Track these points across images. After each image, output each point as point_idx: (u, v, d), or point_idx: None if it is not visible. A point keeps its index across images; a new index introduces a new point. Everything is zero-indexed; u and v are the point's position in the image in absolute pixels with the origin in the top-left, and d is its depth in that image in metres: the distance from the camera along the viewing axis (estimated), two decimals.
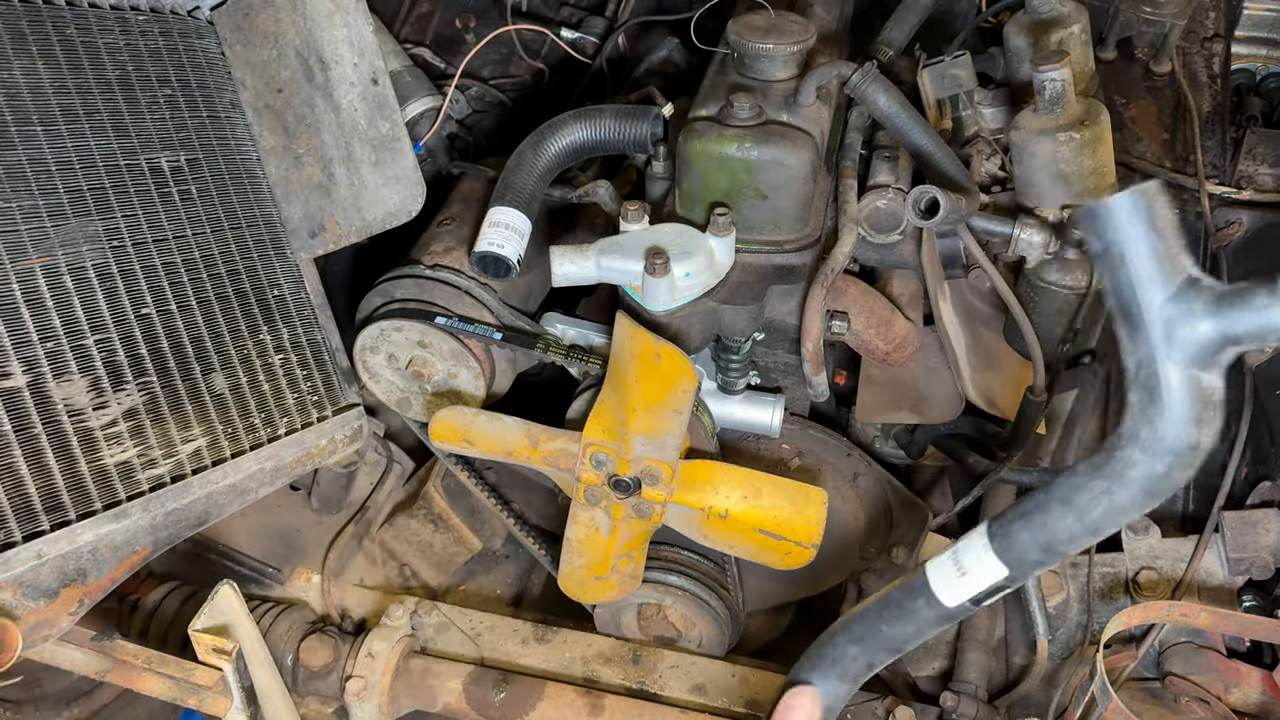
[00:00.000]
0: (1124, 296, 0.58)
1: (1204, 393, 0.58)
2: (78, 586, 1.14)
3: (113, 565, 1.17)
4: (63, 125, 1.23)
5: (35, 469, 1.10)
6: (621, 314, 1.24)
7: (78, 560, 1.13)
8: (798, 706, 0.74)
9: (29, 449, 1.10)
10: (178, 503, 1.23)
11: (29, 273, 1.15)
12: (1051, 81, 1.30)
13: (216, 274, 1.37)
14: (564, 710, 1.44)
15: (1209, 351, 0.57)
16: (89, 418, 1.17)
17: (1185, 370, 0.57)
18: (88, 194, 1.24)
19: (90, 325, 1.20)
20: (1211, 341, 0.56)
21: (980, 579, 0.68)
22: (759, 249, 1.31)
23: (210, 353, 1.32)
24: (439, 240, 1.50)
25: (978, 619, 1.52)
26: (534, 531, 1.61)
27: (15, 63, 1.20)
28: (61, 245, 1.19)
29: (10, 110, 1.18)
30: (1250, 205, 1.74)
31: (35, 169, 1.19)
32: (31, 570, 1.08)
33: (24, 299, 1.14)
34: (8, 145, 1.17)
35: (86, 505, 1.14)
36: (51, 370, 1.14)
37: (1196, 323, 0.56)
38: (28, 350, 1.13)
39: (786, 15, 1.36)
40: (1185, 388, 0.58)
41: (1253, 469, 1.55)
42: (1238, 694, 1.38)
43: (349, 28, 1.37)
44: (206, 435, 1.29)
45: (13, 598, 1.08)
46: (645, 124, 1.37)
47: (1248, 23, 1.93)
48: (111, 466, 1.18)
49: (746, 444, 1.44)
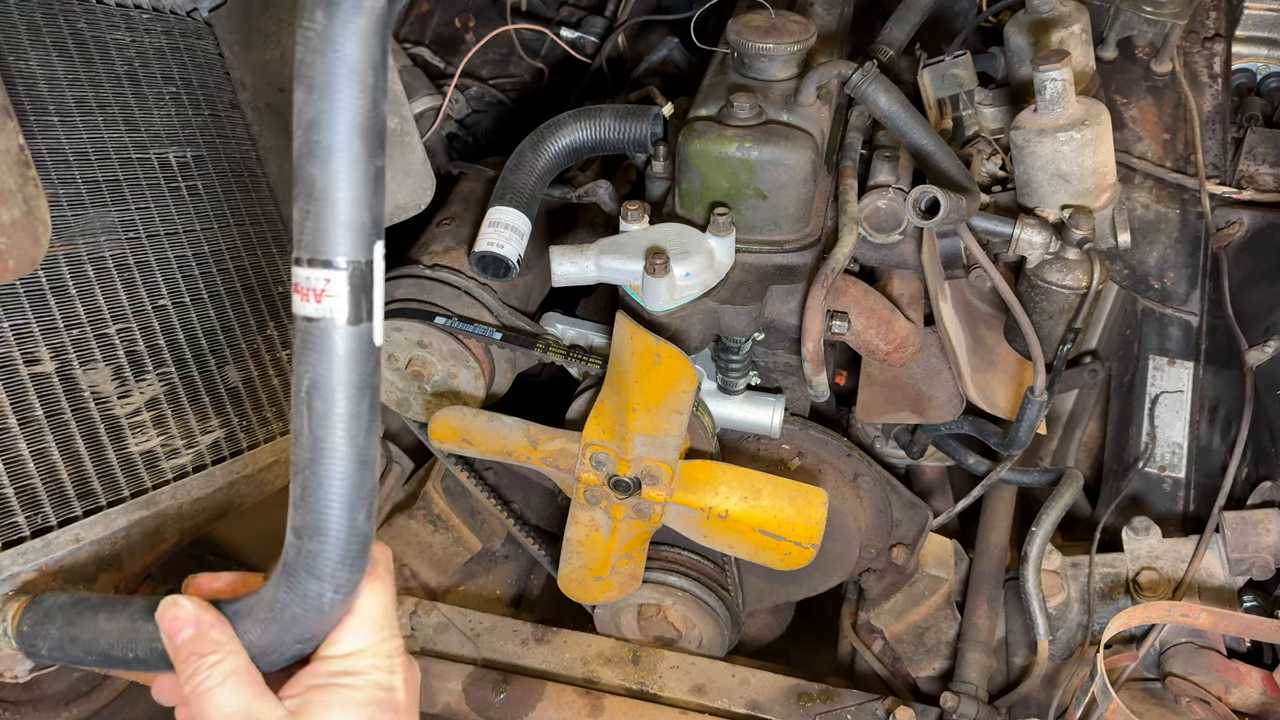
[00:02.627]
0: None
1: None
2: (114, 572, 1.14)
3: (144, 552, 1.18)
4: (78, 116, 1.23)
5: (66, 455, 1.11)
6: (621, 314, 1.24)
7: (113, 545, 1.13)
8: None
9: (60, 435, 1.10)
10: (202, 492, 1.24)
11: (53, 260, 1.15)
12: (1052, 81, 1.30)
13: (225, 269, 1.38)
14: (564, 711, 1.44)
15: None
16: (114, 406, 1.17)
17: None
18: (104, 185, 1.24)
19: (112, 314, 1.20)
20: None
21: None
22: (759, 249, 1.31)
23: (223, 346, 1.33)
24: (438, 240, 1.50)
25: (978, 619, 1.52)
26: (534, 532, 1.61)
27: (31, 54, 1.20)
28: (82, 234, 1.20)
29: (29, 99, 1.18)
30: (1251, 205, 1.73)
31: (54, 158, 1.19)
32: (71, 554, 1.08)
33: (49, 286, 1.14)
34: (27, 134, 1.17)
35: (116, 493, 1.15)
36: (78, 357, 1.14)
37: None
38: (55, 337, 1.13)
39: (786, 15, 1.36)
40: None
41: (1253, 469, 1.55)
42: (1238, 694, 1.38)
43: None
44: (224, 427, 1.30)
45: (55, 583, 1.08)
46: (645, 124, 1.37)
47: (1248, 22, 1.93)
48: (137, 455, 1.18)
49: (746, 444, 1.44)
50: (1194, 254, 1.72)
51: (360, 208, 0.61)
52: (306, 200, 0.61)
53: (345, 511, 0.66)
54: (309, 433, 0.64)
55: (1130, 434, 1.68)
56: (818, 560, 1.31)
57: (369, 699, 0.71)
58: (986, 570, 1.57)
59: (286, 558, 0.68)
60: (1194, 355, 1.70)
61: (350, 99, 0.59)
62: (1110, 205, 1.41)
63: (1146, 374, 1.70)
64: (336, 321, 0.62)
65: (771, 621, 1.71)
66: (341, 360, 0.63)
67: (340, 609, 0.70)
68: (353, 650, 0.72)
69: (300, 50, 0.59)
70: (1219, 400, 1.66)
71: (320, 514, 0.65)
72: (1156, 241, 1.73)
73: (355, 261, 0.62)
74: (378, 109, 0.61)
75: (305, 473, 0.65)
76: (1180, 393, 1.68)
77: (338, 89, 0.59)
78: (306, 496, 0.66)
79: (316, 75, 0.59)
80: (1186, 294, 1.72)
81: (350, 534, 0.66)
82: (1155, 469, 1.66)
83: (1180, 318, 1.71)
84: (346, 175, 0.60)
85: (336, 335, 0.62)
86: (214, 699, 0.68)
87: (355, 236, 0.61)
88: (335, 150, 0.60)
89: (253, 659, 0.71)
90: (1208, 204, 1.71)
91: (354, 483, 0.65)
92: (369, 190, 0.61)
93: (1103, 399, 1.75)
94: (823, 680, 1.49)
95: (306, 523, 0.66)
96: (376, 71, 0.60)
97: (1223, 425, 1.64)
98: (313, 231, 0.61)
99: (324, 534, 0.66)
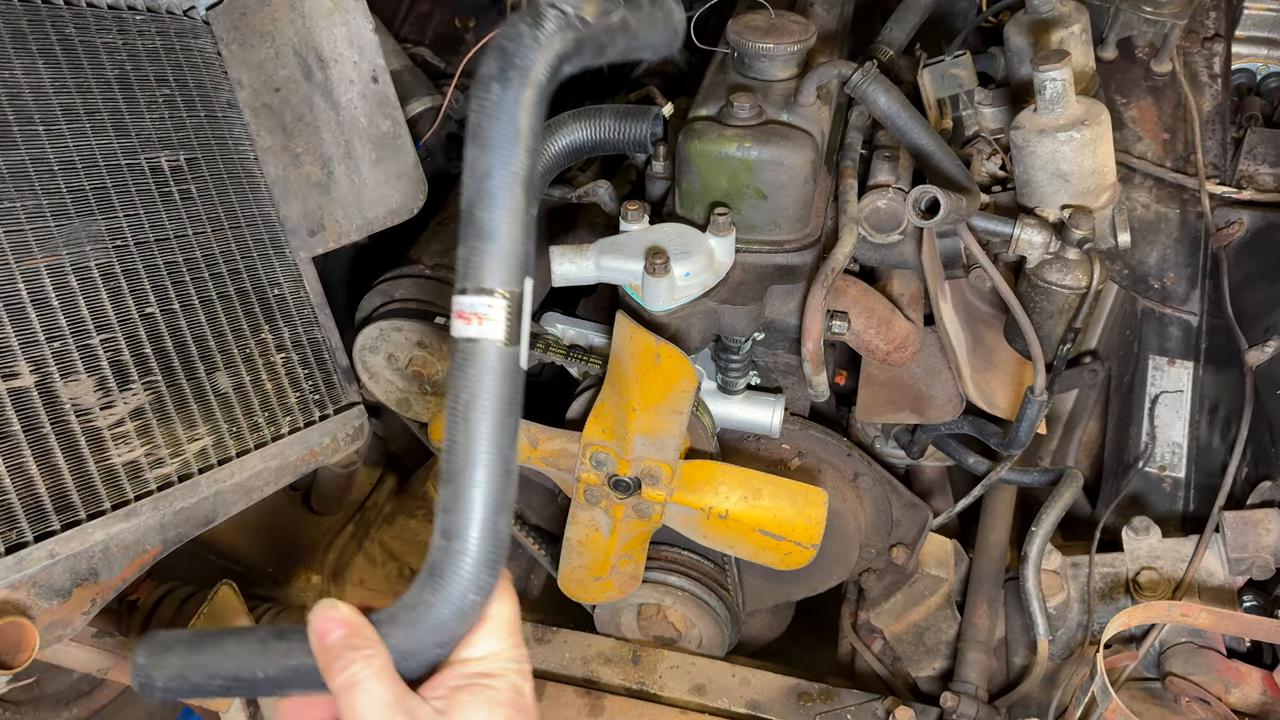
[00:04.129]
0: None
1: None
2: (90, 586, 1.14)
3: (123, 564, 1.17)
4: (64, 125, 1.23)
5: (45, 469, 1.10)
6: (621, 314, 1.24)
7: (90, 559, 1.13)
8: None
9: (38, 449, 1.10)
10: (185, 501, 1.23)
11: (34, 272, 1.15)
12: (1052, 81, 1.30)
13: (217, 273, 1.37)
14: (564, 710, 1.44)
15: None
16: (96, 417, 1.16)
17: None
18: (90, 193, 1.23)
19: (95, 325, 1.19)
20: None
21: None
22: (759, 249, 1.31)
23: (213, 352, 1.32)
24: (438, 240, 1.50)
25: (978, 619, 1.52)
26: (534, 531, 1.61)
27: (16, 62, 1.19)
28: (65, 245, 1.19)
29: (12, 109, 1.18)
30: (1251, 205, 1.74)
31: (38, 168, 1.19)
32: (45, 570, 1.08)
33: (30, 299, 1.14)
34: (10, 145, 1.17)
35: (96, 505, 1.14)
36: (59, 370, 1.14)
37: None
38: (35, 350, 1.13)
39: (787, 15, 1.36)
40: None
41: (1253, 469, 1.55)
42: (1238, 694, 1.38)
43: (348, 26, 1.37)
44: (212, 434, 1.29)
45: (27, 598, 1.08)
46: (645, 124, 1.37)
47: (1248, 22, 1.93)
48: (119, 466, 1.17)
49: (746, 444, 1.44)
50: (1194, 254, 1.72)
51: (518, 245, 0.72)
52: (475, 239, 0.71)
53: (490, 516, 0.71)
54: (463, 442, 0.71)
55: (1130, 434, 1.68)
56: (818, 560, 1.31)
57: (508, 700, 0.73)
58: (986, 570, 1.57)
59: (433, 560, 0.72)
60: (1194, 355, 1.70)
61: (516, 157, 0.72)
62: (1110, 205, 1.41)
63: (1146, 374, 1.70)
64: (494, 342, 0.71)
65: (771, 621, 1.71)
66: (496, 377, 0.71)
67: (477, 613, 0.74)
68: (489, 653, 0.74)
69: (475, 115, 0.72)
70: (1219, 400, 1.66)
71: (467, 517, 0.71)
72: (1156, 241, 1.73)
73: (512, 291, 0.72)
74: (535, 165, 0.73)
75: (458, 479, 0.71)
76: (1180, 393, 1.68)
77: (506, 149, 0.71)
78: (458, 500, 0.71)
79: (490, 137, 0.72)
80: (1186, 294, 1.72)
81: (495, 538, 0.72)
82: (1155, 469, 1.66)
83: (1180, 318, 1.71)
84: (509, 219, 0.71)
85: (493, 354, 0.71)
86: (368, 689, 0.70)
87: (513, 269, 0.72)
88: (502, 198, 0.71)
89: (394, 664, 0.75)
90: (1208, 204, 1.71)
91: (498, 489, 0.71)
92: (525, 232, 0.72)
93: (1103, 399, 1.75)
94: (823, 680, 1.49)
95: (455, 525, 0.71)
96: (536, 135, 0.73)
97: (1223, 425, 1.64)
98: (477, 265, 0.71)
99: (468, 537, 0.71)
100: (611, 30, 0.82)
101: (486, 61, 0.74)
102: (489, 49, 0.76)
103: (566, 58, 0.77)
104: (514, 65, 0.73)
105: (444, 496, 0.72)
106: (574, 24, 0.77)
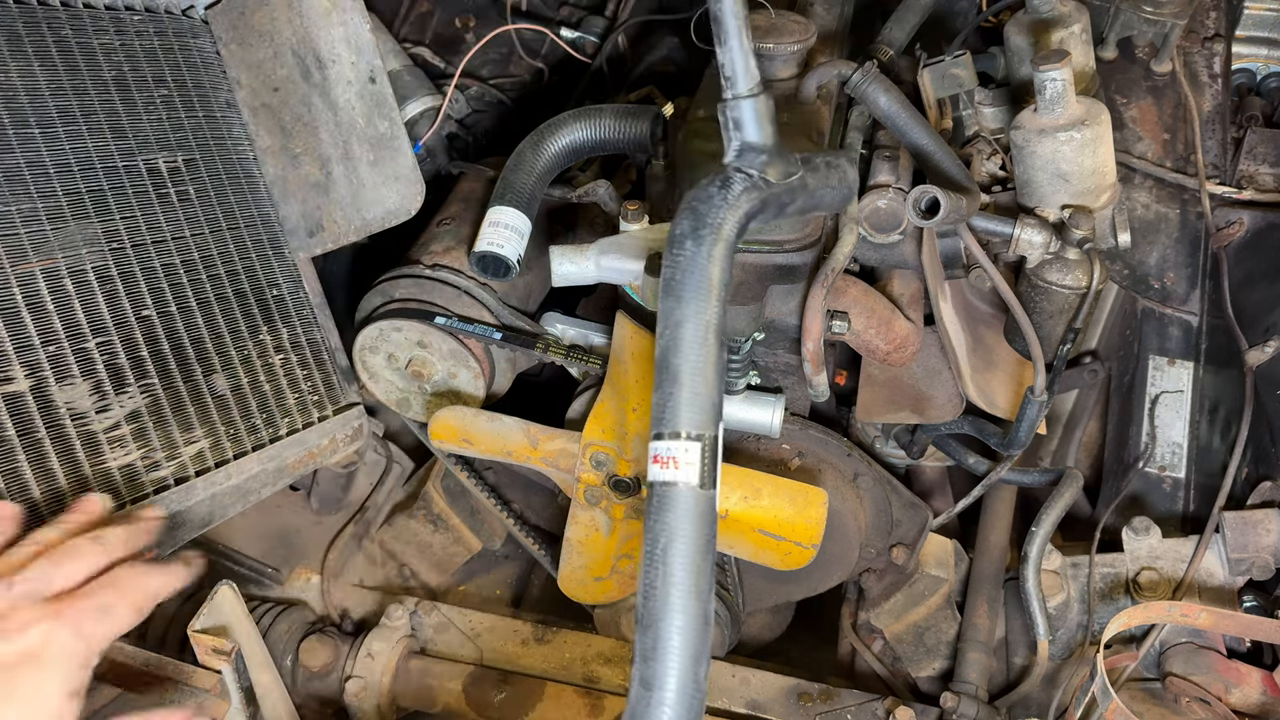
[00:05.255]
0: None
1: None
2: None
3: None
4: (60, 127, 1.22)
5: (40, 473, 1.10)
6: (621, 314, 1.24)
7: None
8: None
9: (33, 453, 1.10)
10: (182, 505, 1.23)
11: (29, 276, 1.15)
12: (1052, 81, 1.30)
13: (215, 275, 1.36)
14: (564, 711, 1.44)
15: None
16: (92, 421, 1.16)
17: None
18: (86, 196, 1.23)
19: (91, 328, 1.19)
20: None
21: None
22: (759, 249, 1.31)
23: (211, 354, 1.32)
24: (438, 240, 1.50)
25: (978, 619, 1.52)
26: (534, 532, 1.61)
27: (12, 65, 1.19)
28: (61, 248, 1.19)
29: (8, 113, 1.18)
30: (1251, 205, 1.73)
31: (34, 172, 1.19)
32: None
33: (25, 303, 1.14)
34: (6, 149, 1.17)
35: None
36: (54, 374, 1.14)
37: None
38: (30, 354, 1.13)
39: (787, 15, 1.36)
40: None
41: (1253, 469, 1.55)
42: (1238, 694, 1.38)
43: (346, 26, 1.37)
44: (209, 437, 1.29)
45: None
46: (645, 124, 1.37)
47: (1249, 22, 1.93)
48: (115, 470, 1.17)
49: (746, 444, 1.44)
50: (1194, 254, 1.72)
51: (713, 390, 0.74)
52: (670, 385, 0.73)
53: (689, 665, 0.71)
54: (661, 588, 0.72)
55: (1130, 434, 1.68)
56: (818, 560, 1.31)
57: None
58: (986, 570, 1.57)
59: (633, 709, 0.72)
60: (1194, 355, 1.70)
61: (709, 307, 0.75)
62: (1110, 205, 1.41)
63: (1146, 374, 1.70)
64: (690, 485, 0.72)
65: (771, 621, 1.71)
66: (692, 520, 0.72)
67: None
68: None
69: (670, 269, 0.76)
70: (1219, 400, 1.66)
71: (666, 666, 0.71)
72: (1156, 241, 1.73)
73: (706, 435, 0.73)
74: (725, 313, 0.77)
75: (657, 625, 0.72)
76: (1180, 393, 1.68)
77: (699, 301, 0.75)
78: (656, 649, 0.71)
79: (684, 290, 0.75)
80: (1186, 294, 1.72)
81: (695, 689, 0.72)
82: (1155, 469, 1.66)
83: (1180, 318, 1.71)
84: (703, 366, 0.73)
85: (689, 498, 0.72)
86: None
87: (708, 413, 0.73)
88: (695, 346, 0.74)
89: None
90: (1208, 204, 1.71)
91: (698, 637, 0.72)
92: (718, 377, 0.74)
93: (1103, 399, 1.75)
94: (823, 680, 1.49)
95: (654, 675, 0.71)
96: (725, 285, 0.77)
97: (1223, 425, 1.64)
98: (673, 410, 0.73)
99: (669, 687, 0.71)
100: (792, 190, 0.86)
101: (679, 221, 0.78)
102: (681, 209, 0.80)
103: (752, 215, 0.80)
104: (706, 224, 0.77)
105: (642, 644, 0.72)
106: (759, 185, 0.81)
